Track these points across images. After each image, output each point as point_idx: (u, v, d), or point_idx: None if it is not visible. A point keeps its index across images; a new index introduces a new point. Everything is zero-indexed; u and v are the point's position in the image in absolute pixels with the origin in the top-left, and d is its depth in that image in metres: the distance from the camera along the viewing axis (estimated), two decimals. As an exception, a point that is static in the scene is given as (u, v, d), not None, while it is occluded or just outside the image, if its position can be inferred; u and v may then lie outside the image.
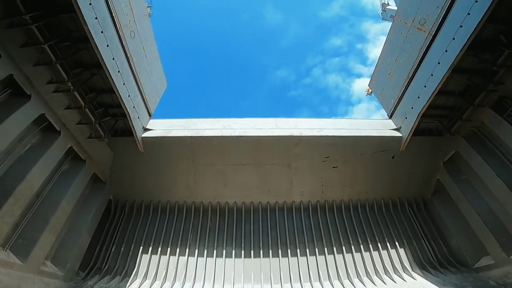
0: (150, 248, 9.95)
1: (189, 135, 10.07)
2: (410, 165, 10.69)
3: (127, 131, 9.71)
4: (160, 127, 10.47)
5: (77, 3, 6.05)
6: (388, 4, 14.33)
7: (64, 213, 8.13)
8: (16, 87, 6.60)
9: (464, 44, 7.32)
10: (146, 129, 10.26)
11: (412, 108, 9.56)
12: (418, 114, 9.20)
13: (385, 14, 14.41)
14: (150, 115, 10.80)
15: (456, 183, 9.61)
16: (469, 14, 7.12)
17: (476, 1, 6.91)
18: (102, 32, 7.39)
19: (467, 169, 9.44)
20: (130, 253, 9.77)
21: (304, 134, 10.15)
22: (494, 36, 7.59)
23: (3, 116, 6.28)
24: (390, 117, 10.95)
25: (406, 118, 9.98)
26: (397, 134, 10.30)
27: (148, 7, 10.62)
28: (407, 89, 9.94)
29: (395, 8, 12.07)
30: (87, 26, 6.64)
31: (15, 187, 6.49)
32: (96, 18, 6.99)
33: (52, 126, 7.78)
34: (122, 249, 9.91)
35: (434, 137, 10.23)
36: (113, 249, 9.92)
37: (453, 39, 7.68)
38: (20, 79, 6.64)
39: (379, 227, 10.64)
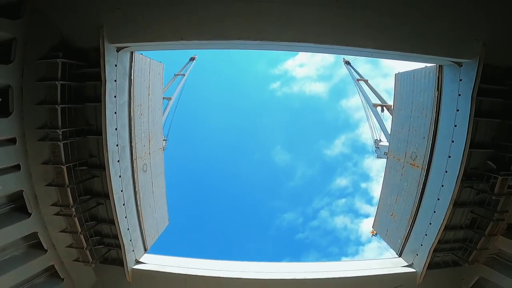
0: None
1: (184, 272, 9.32)
2: (432, 294, 9.36)
3: (118, 261, 9.07)
4: (154, 262, 9.75)
5: (105, 125, 6.84)
6: (380, 140, 15.89)
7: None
8: (21, 203, 6.62)
9: (458, 176, 7.72)
10: (138, 262, 9.55)
11: (422, 245, 9.14)
12: (429, 251, 8.75)
13: (379, 151, 15.81)
14: (145, 250, 10.20)
15: (493, 303, 8.35)
16: (453, 141, 7.84)
17: (456, 126, 7.73)
18: (118, 161, 8.04)
19: (499, 289, 8.39)
20: None
21: (308, 277, 9.38)
22: (483, 163, 8.10)
23: (-5, 228, 6.07)
24: (400, 255, 10.29)
25: (417, 254, 9.38)
26: (410, 269, 9.48)
27: (164, 140, 11.71)
28: (412, 228, 9.72)
29: (387, 143, 13.37)
30: (107, 152, 7.28)
31: None
32: (117, 145, 7.77)
33: (40, 244, 7.39)
34: None
35: (452, 268, 9.36)
36: None
37: (446, 171, 8.14)
38: (28, 197, 6.79)
39: None
